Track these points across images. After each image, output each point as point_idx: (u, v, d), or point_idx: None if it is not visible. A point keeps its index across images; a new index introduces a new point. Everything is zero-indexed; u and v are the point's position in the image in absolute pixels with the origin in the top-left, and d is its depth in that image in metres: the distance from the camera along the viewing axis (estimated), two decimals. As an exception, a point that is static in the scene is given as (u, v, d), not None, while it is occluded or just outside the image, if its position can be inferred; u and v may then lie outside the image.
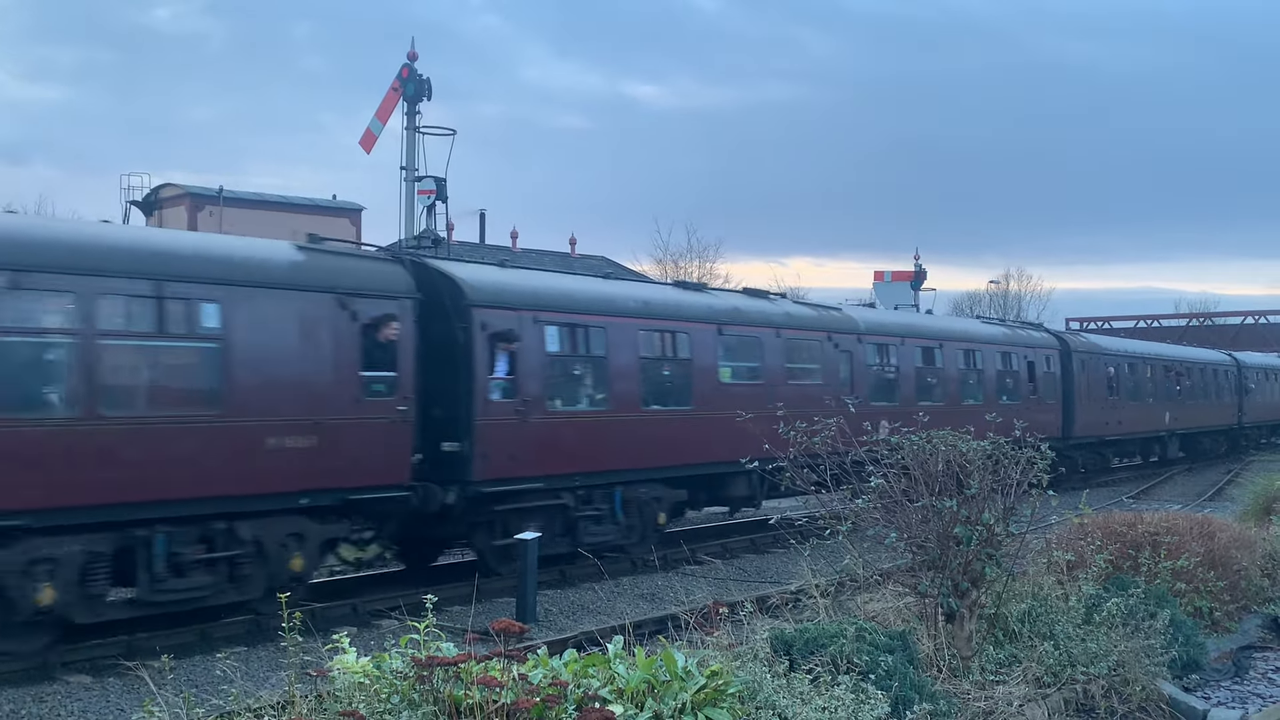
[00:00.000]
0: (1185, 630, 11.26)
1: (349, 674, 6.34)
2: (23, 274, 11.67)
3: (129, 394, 12.68)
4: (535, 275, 18.88)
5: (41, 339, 12.08)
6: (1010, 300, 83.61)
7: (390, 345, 14.88)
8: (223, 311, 13.21)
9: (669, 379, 19.38)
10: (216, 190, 41.08)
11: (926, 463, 10.03)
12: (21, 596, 11.71)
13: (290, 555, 13.93)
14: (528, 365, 16.61)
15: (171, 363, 13.21)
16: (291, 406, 13.77)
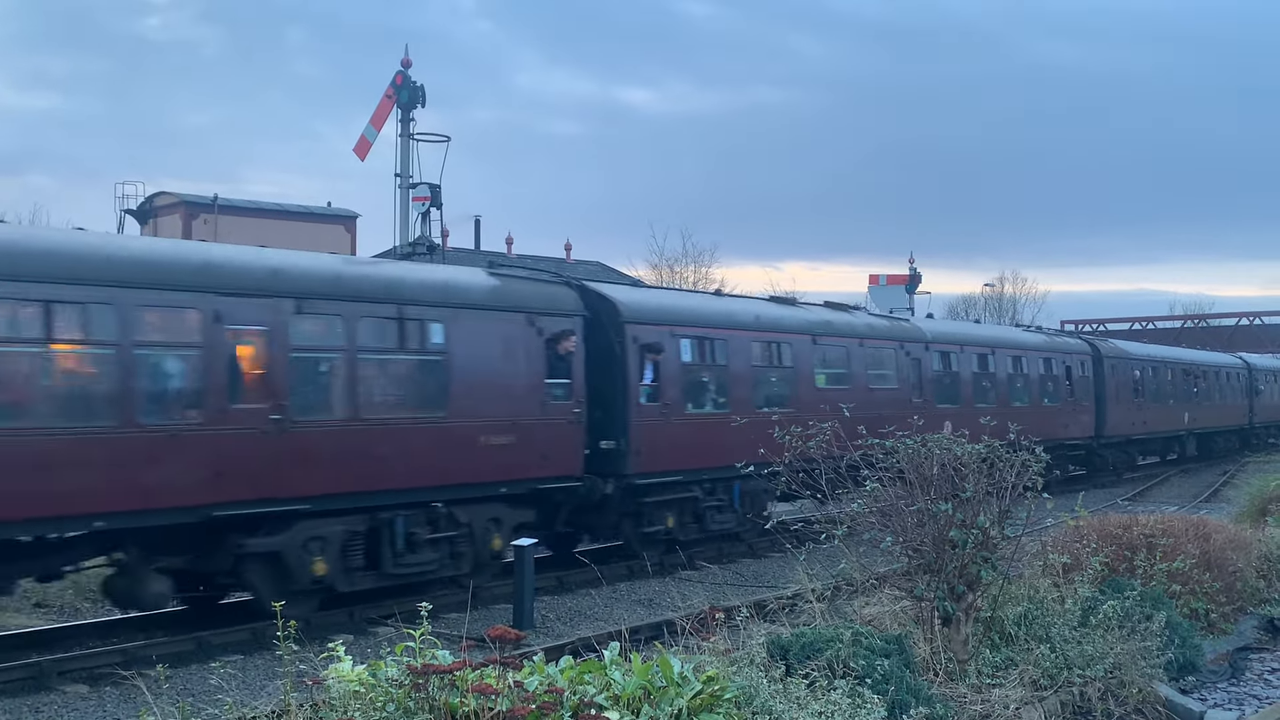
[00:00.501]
0: (1181, 632, 11.27)
1: (344, 682, 6.34)
2: (305, 300, 14.29)
3: (380, 400, 15.21)
4: (672, 294, 22.67)
5: (322, 355, 14.64)
6: (1005, 303, 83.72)
7: (567, 357, 17.40)
8: (446, 330, 15.77)
9: (775, 384, 21.71)
10: (211, 198, 41.04)
11: (922, 466, 10.03)
12: (300, 568, 14.13)
13: (492, 536, 16.46)
14: (668, 373, 19.20)
15: (410, 374, 15.74)
16: (495, 410, 16.32)
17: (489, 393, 16.20)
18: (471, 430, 15.93)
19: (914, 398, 24.48)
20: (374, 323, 15.04)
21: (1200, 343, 60.01)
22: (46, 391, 12.34)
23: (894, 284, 55.35)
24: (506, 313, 16.71)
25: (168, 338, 13.35)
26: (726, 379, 20.45)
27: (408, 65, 33.47)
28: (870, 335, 24.48)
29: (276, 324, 13.94)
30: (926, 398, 25.28)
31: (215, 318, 13.38)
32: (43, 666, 12.25)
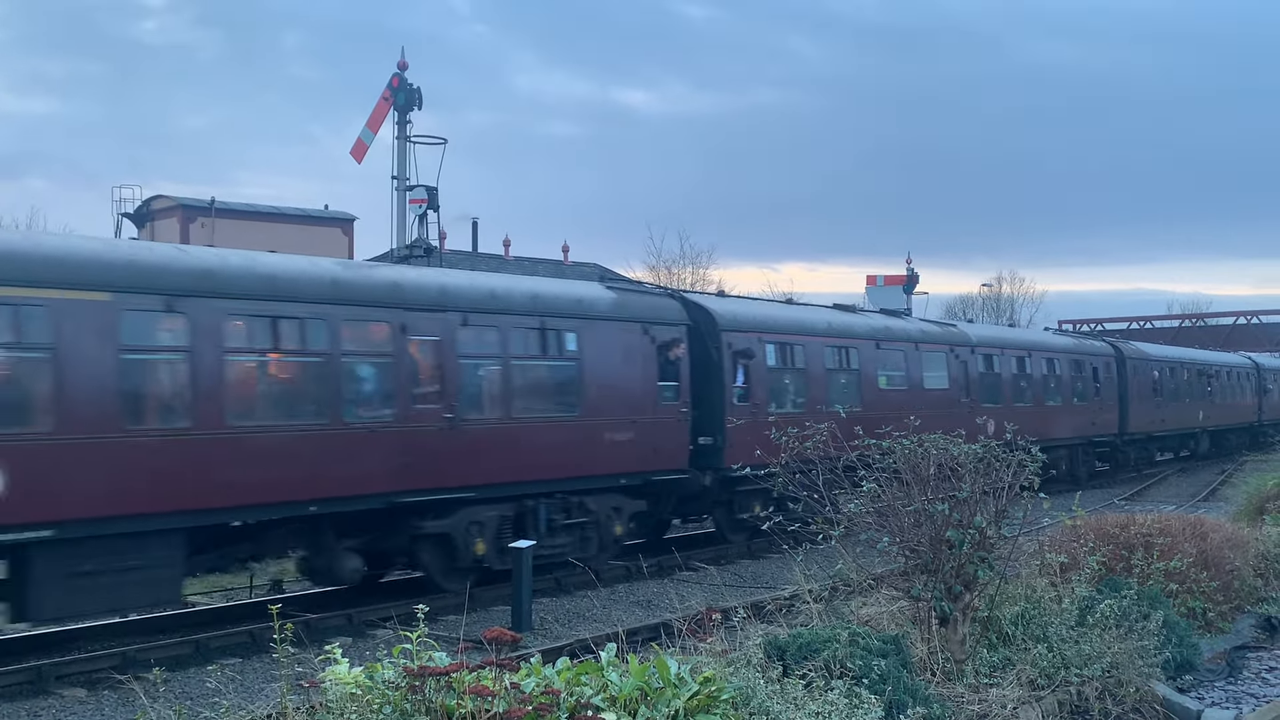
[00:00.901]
0: (1179, 631, 11.28)
1: (341, 685, 6.33)
2: (468, 314, 16.39)
3: (527, 401, 17.29)
4: (758, 304, 24.88)
5: (482, 361, 16.77)
6: (1003, 303, 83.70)
7: (676, 362, 19.55)
8: (578, 339, 17.93)
9: (844, 385, 23.44)
10: (209, 202, 40.99)
11: (918, 466, 10.04)
12: (465, 548, 16.34)
13: (614, 523, 18.49)
14: (757, 376, 21.27)
15: (550, 378, 17.88)
16: (618, 410, 18.38)
17: (612, 395, 18.30)
18: (599, 428, 18.11)
19: (962, 398, 26.77)
20: (521, 333, 17.23)
21: (1198, 342, 60.08)
22: (272, 395, 14.72)
23: (891, 284, 55.28)
24: (626, 323, 18.94)
25: (366, 348, 15.53)
26: (804, 381, 22.61)
27: (404, 67, 33.44)
28: (924, 340, 26.49)
29: (447, 335, 16.11)
30: (973, 397, 27.41)
31: (402, 329, 15.54)
32: (41, 670, 12.26)
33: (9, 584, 12.61)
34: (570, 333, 17.86)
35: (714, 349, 20.38)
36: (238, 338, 14.05)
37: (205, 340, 13.55)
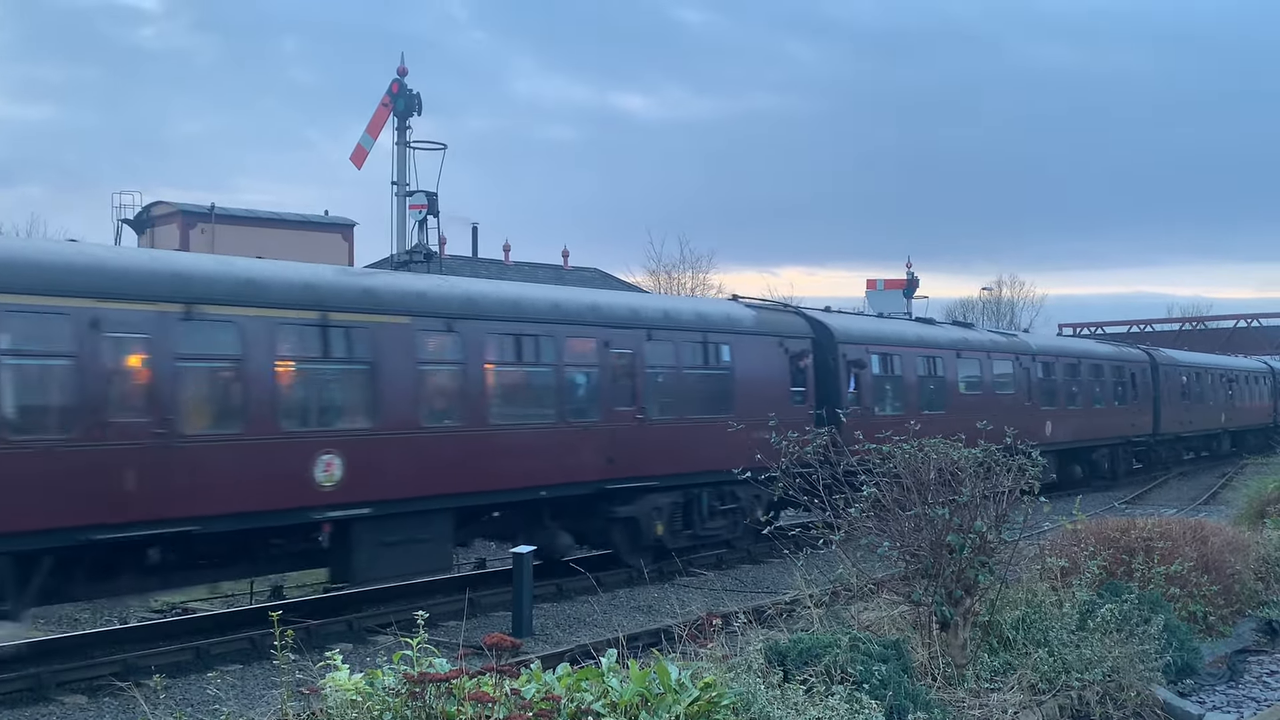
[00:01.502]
0: (1179, 635, 11.26)
1: (342, 691, 6.33)
2: (653, 330, 19.90)
3: (697, 404, 20.54)
4: (865, 319, 28.08)
5: (662, 370, 19.98)
6: (1003, 307, 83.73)
7: (804, 370, 22.71)
8: (731, 350, 21.24)
9: (933, 390, 26.67)
10: (208, 208, 41.04)
11: (918, 471, 10.03)
12: (648, 530, 19.51)
13: (756, 509, 19.90)
14: (865, 382, 24.40)
15: (711, 385, 21.02)
16: (760, 411, 19.39)
17: (756, 398, 20.81)
18: (749, 428, 19.56)
19: (1025, 401, 30.05)
20: (690, 346, 20.54)
21: (1198, 345, 60.13)
22: (517, 399, 18.10)
23: (892, 288, 55.41)
24: (765, 336, 22.28)
25: (580, 360, 18.67)
26: (901, 386, 25.74)
27: (404, 73, 33.54)
28: (994, 349, 29.93)
29: (637, 348, 19.41)
30: (1034, 401, 30.76)
31: (605, 344, 18.72)
32: (41, 678, 12.25)
33: (332, 552, 15.32)
34: (725, 345, 21.24)
35: (831, 359, 23.64)
36: (494, 352, 17.38)
37: (473, 354, 16.89)
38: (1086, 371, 34.71)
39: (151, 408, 13.06)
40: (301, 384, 14.97)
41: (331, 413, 15.33)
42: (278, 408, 14.39)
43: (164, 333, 13.22)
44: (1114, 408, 36.13)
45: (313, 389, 15.18)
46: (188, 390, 13.66)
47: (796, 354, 22.51)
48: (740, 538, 21.34)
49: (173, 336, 13.29)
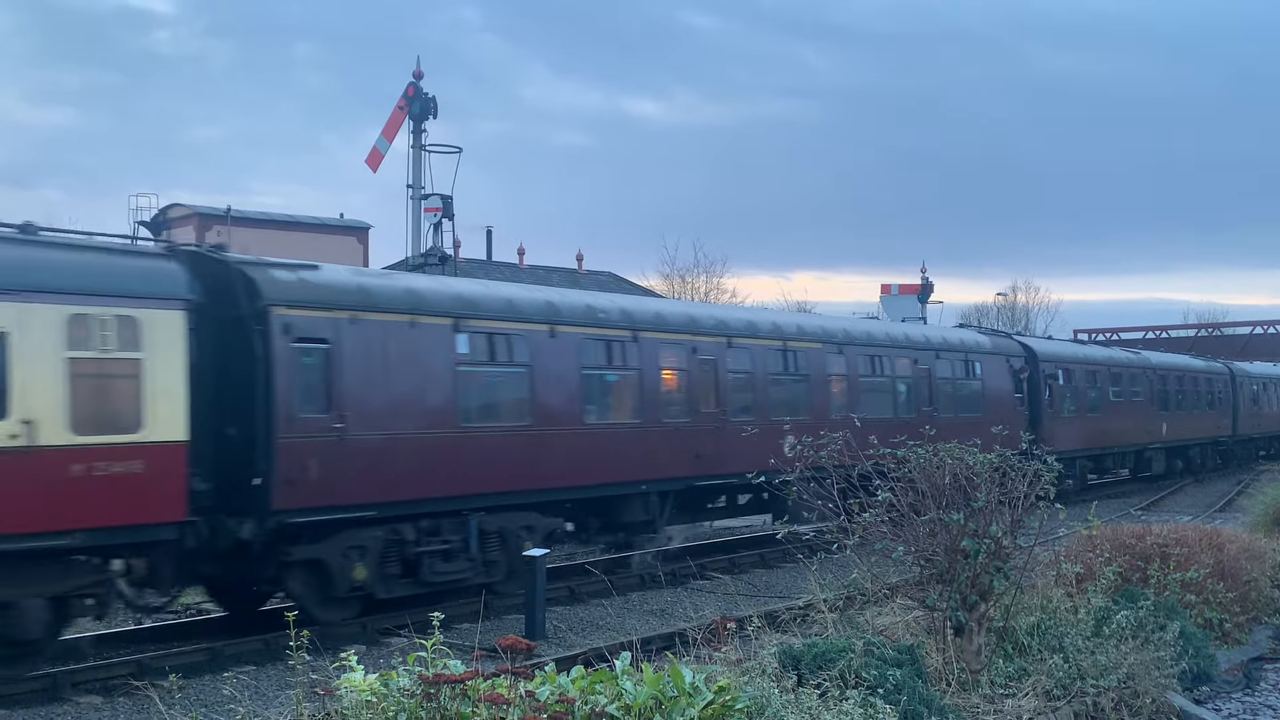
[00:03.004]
0: (1195, 642, 11.23)
1: (356, 692, 6.34)
2: (941, 352, 26.76)
3: (962, 405, 26.69)
4: (1055, 343, 36.84)
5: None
6: (1019, 312, 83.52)
7: (1021, 380, 29.76)
8: (981, 367, 28.07)
9: (1094, 398, 34.65)
10: (225, 210, 41.17)
11: (933, 476, 10.02)
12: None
13: None
14: (1055, 391, 31.83)
15: (970, 391, 27.54)
16: (996, 409, 27.26)
17: (995, 401, 27.96)
18: (988, 421, 22.98)
19: (1149, 407, 37.97)
20: (960, 364, 27.52)
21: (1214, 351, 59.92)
22: (874, 397, 23.96)
23: (906, 294, 55.29)
24: (999, 356, 29.38)
25: (903, 373, 24.78)
26: (1076, 395, 33.44)
27: (419, 77, 33.57)
28: (1130, 365, 37.94)
29: (932, 365, 25.42)
30: (1154, 407, 38.31)
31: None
32: (56, 678, 12.28)
33: (773, 501, 18.94)
34: (978, 363, 28.13)
35: (1036, 373, 30.52)
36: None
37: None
38: (1186, 383, 41.85)
39: (713, 402, 20.26)
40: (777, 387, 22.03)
41: (788, 405, 21.87)
42: (768, 403, 21.63)
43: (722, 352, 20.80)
44: (1205, 413, 43.45)
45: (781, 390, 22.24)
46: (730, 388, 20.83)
47: (1017, 369, 29.79)
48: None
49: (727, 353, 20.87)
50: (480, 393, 16.79)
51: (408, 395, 15.46)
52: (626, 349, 18.79)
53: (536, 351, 17.25)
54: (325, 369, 14.54)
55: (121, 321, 12.65)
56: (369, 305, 15.25)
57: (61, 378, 12.10)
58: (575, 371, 17.83)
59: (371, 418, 14.89)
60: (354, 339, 14.84)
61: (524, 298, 17.99)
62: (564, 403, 17.68)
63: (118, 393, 12.74)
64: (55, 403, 12.02)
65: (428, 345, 15.74)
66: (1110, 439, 34.94)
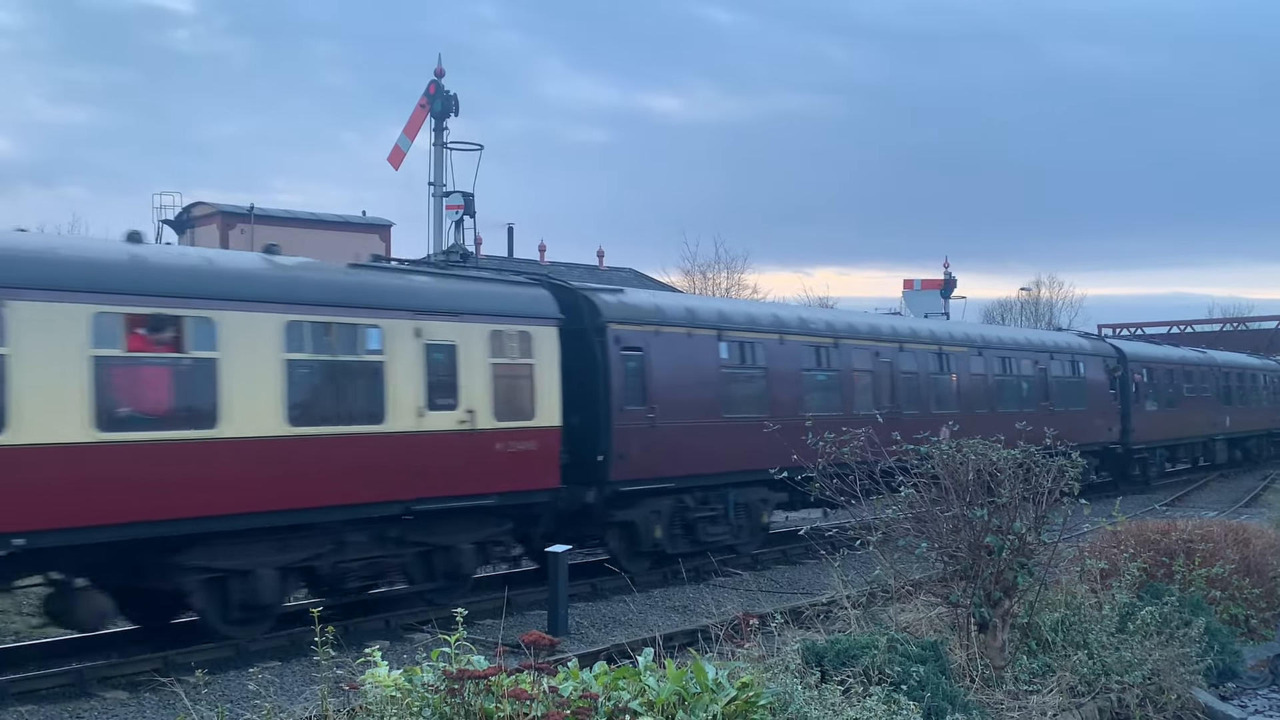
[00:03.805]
0: (1221, 638, 11.17)
1: (381, 688, 6.37)
2: (1055, 354, 30.98)
3: (1071, 399, 31.13)
4: (1143, 345, 41.68)
5: (1061, 380, 30.45)
6: (1042, 307, 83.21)
7: (1115, 379, 34.06)
8: (1085, 367, 32.41)
9: (1172, 394, 38.47)
10: (248, 208, 41.34)
11: (957, 472, 9.99)
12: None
13: (1088, 474, 27.07)
14: (1141, 387, 35.76)
15: (1076, 387, 31.83)
16: (1096, 403, 32.59)
17: (1094, 396, 32.84)
18: (1091, 414, 32.04)
19: (1216, 401, 42.13)
20: (1070, 364, 31.85)
21: (1239, 346, 59.55)
22: (1004, 393, 28.21)
23: (929, 289, 55.16)
24: (1096, 357, 33.73)
25: (1024, 373, 28.63)
26: (1158, 390, 37.31)
27: (441, 75, 33.67)
28: (1200, 364, 41.73)
29: (1048, 366, 30.29)
30: (1219, 401, 42.38)
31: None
32: (83, 673, 12.38)
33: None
34: (1081, 363, 32.38)
35: (1125, 372, 34.71)
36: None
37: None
38: (1246, 379, 46.37)
39: (889, 397, 23.57)
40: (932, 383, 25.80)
41: (943, 399, 25.63)
42: (929, 397, 25.31)
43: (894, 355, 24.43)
44: (1263, 408, 47.73)
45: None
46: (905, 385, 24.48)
47: (1111, 368, 33.90)
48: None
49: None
50: (735, 390, 20.52)
51: (691, 392, 19.42)
52: (830, 353, 22.74)
53: (770, 356, 21.22)
54: (641, 372, 18.61)
55: (521, 336, 16.61)
56: (664, 321, 19.37)
57: (487, 378, 15.97)
58: (797, 371, 21.78)
59: (670, 410, 18.83)
60: (657, 348, 18.91)
61: (759, 312, 22.74)
62: (788, 397, 21.24)
63: (520, 389, 16.56)
64: (484, 396, 15.92)
65: (702, 352, 19.85)
66: (1183, 431, 39.01)
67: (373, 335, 14.94)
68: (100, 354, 12.27)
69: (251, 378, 13.46)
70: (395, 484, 14.90)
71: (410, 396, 15.11)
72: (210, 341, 13.18)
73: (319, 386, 14.43)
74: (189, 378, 13.21)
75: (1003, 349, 28.69)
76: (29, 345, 11.77)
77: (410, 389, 15.11)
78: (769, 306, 23.78)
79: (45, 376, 11.86)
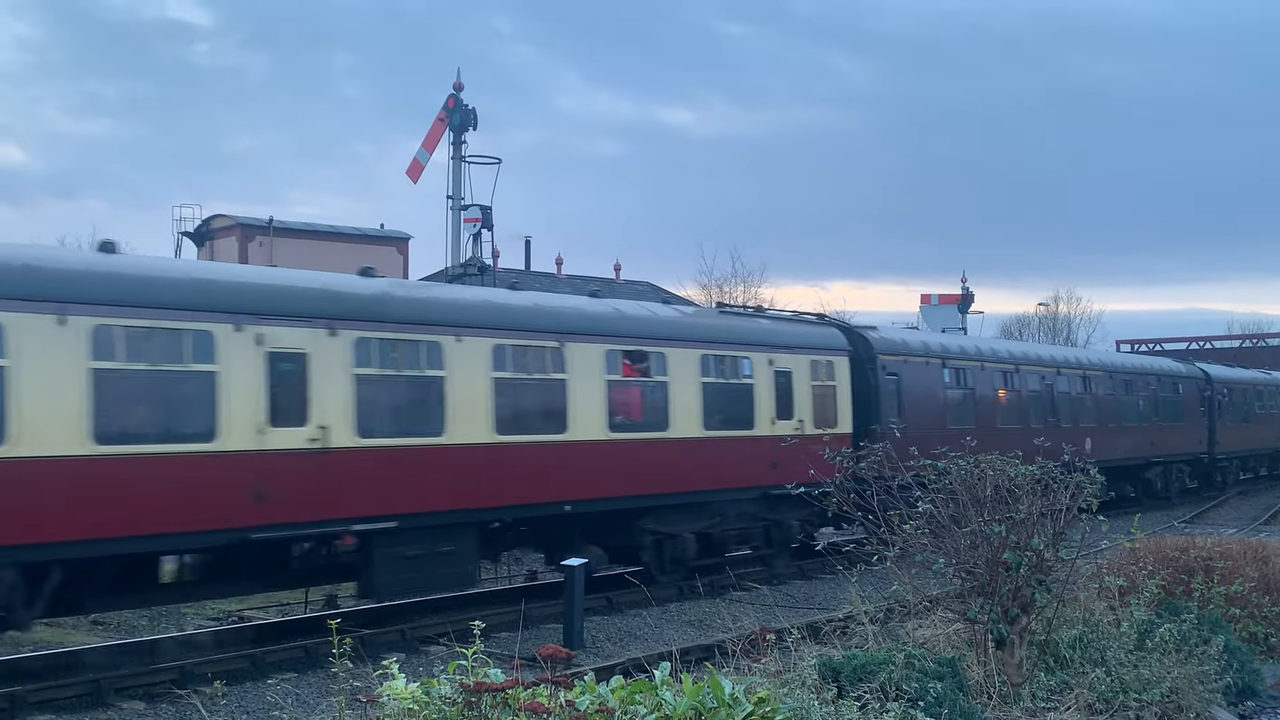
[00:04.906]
0: (1240, 656, 11.09)
1: (398, 700, 6.39)
2: (1160, 378, 37.36)
3: (1167, 415, 36.53)
4: (1222, 367, 44.94)
5: (1165, 400, 36.92)
6: (1060, 323, 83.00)
7: (1205, 398, 38.76)
8: (1182, 387, 37.84)
9: (1245, 411, 43.39)
10: (267, 221, 41.55)
11: (974, 488, 9.96)
12: (1164, 482, 37.03)
13: (1184, 477, 38.94)
14: (1223, 407, 40.74)
15: (1174, 405, 37.14)
16: (1189, 418, 37.56)
17: (1188, 411, 37.82)
18: (1187, 428, 37.66)
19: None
20: (1171, 385, 37.25)
21: (1258, 363, 59.32)
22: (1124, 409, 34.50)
23: (946, 303, 55.06)
24: (1190, 379, 38.62)
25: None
26: (1236, 408, 42.37)
27: (460, 89, 33.70)
28: (1269, 384, 47.09)
29: (1147, 385, 35.72)
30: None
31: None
32: (100, 684, 12.42)
33: None
34: (1180, 384, 37.46)
35: (1212, 392, 39.54)
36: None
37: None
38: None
39: (1051, 413, 29.05)
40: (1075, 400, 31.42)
41: (1086, 415, 31.51)
42: (1077, 413, 31.31)
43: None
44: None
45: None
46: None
47: (1202, 388, 39.20)
48: (1169, 500, 36.45)
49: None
50: (953, 405, 25.68)
51: (926, 406, 24.39)
52: (1013, 377, 28.22)
53: (975, 379, 26.63)
54: (896, 391, 23.71)
55: (827, 364, 21.99)
56: (909, 352, 24.88)
57: (809, 395, 21.32)
58: (994, 392, 27.26)
59: (914, 420, 23.05)
60: (906, 373, 24.18)
61: (966, 344, 28.83)
62: (988, 412, 26.88)
63: (827, 404, 21.72)
64: (808, 409, 21.27)
65: (932, 376, 25.13)
66: (1255, 443, 44.44)
67: (745, 364, 20.40)
68: (611, 379, 17.77)
69: (685, 395, 18.88)
70: (760, 474, 19.71)
71: (767, 409, 20.46)
72: (662, 370, 18.89)
73: (723, 403, 19.72)
74: (652, 395, 18.76)
75: (1125, 373, 34.91)
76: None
77: (767, 404, 20.48)
78: (971, 340, 30.61)
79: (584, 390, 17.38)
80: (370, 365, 14.61)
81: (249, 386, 13.31)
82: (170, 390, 13.05)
